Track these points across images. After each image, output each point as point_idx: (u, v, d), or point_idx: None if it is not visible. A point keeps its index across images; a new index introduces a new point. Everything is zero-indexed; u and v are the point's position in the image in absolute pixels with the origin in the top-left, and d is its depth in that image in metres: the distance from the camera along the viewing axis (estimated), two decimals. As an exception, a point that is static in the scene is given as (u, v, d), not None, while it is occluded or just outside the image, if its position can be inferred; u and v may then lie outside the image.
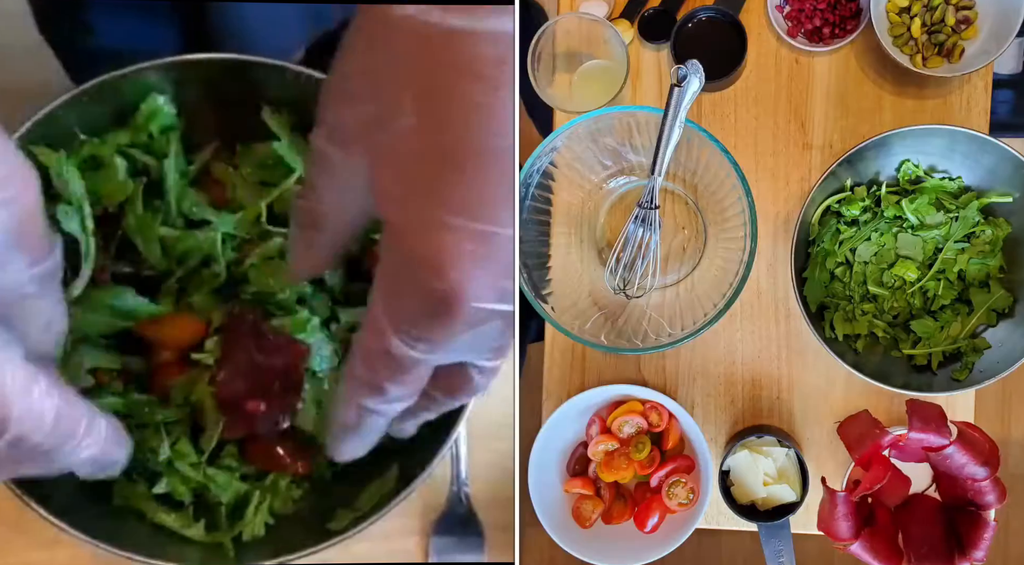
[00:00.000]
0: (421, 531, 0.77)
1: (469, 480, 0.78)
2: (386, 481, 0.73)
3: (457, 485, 0.78)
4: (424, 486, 0.69)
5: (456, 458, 0.77)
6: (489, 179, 0.49)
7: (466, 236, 0.50)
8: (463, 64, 0.48)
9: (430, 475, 0.69)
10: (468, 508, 0.77)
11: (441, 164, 0.50)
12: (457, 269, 0.50)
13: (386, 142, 0.51)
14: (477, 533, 0.78)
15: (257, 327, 0.70)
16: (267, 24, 0.82)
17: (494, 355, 0.57)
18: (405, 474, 0.72)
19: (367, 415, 0.58)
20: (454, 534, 0.77)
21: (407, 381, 0.56)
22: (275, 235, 0.73)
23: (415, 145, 0.50)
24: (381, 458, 0.68)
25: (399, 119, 0.50)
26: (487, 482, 0.77)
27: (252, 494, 0.73)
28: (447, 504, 0.78)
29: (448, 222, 0.50)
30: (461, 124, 0.49)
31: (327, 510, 0.73)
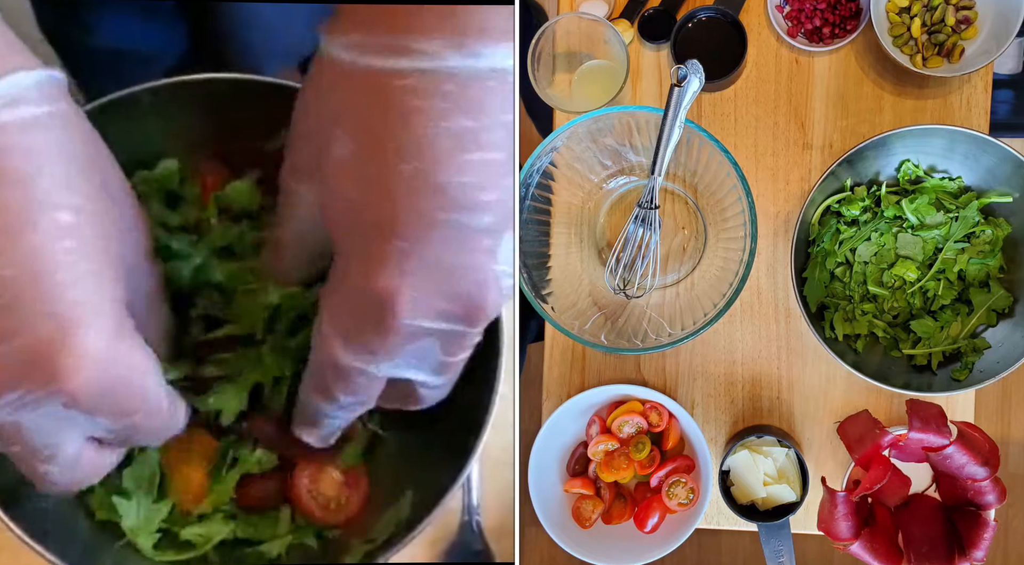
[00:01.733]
0: (431, 560, 0.75)
1: (481, 509, 0.77)
2: (400, 509, 0.71)
3: (469, 514, 0.76)
4: (435, 515, 0.68)
5: (468, 487, 0.76)
6: (422, 204, 0.53)
7: (401, 256, 0.54)
8: (391, 100, 0.53)
9: (445, 505, 0.68)
10: (480, 538, 0.76)
11: (375, 189, 0.54)
12: (391, 283, 0.54)
13: (328, 171, 0.56)
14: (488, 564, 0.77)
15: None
16: (272, 23, 0.82)
17: (437, 372, 0.60)
18: (418, 502, 0.70)
19: (322, 417, 0.63)
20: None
21: (356, 391, 0.60)
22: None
23: (352, 172, 0.55)
24: (394, 486, 0.69)
25: (336, 149, 0.55)
26: (498, 512, 0.76)
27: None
28: (458, 534, 0.76)
29: (385, 245, 0.54)
30: (393, 152, 0.53)
31: (340, 542, 0.72)
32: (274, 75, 0.71)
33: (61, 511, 0.68)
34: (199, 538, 0.70)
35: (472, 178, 0.53)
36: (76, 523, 0.69)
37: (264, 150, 0.70)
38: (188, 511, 0.71)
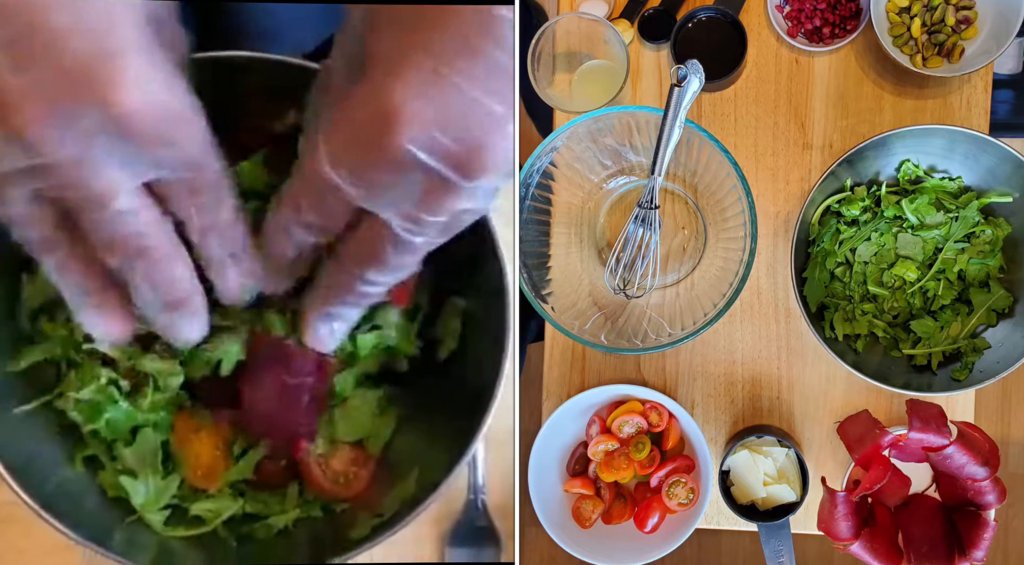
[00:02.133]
0: (437, 538, 0.76)
1: (486, 488, 0.77)
2: (407, 485, 0.71)
3: (474, 492, 0.76)
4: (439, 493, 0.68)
5: (473, 466, 0.76)
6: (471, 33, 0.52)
7: (424, 77, 0.52)
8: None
9: (452, 482, 0.68)
10: (485, 516, 0.76)
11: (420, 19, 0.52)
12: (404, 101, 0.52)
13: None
14: (494, 542, 0.76)
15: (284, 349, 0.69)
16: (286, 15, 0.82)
17: (412, 221, 0.57)
18: (424, 480, 0.70)
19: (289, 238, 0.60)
20: (470, 543, 0.76)
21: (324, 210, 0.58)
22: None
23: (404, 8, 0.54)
24: (401, 463, 0.69)
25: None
26: (502, 490, 0.76)
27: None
28: (463, 512, 0.76)
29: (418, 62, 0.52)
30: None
31: (348, 516, 0.72)
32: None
33: (73, 487, 0.69)
34: (208, 514, 0.71)
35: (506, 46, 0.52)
36: (87, 498, 0.70)
37: (273, 130, 0.70)
38: (197, 488, 0.71)
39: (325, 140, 0.55)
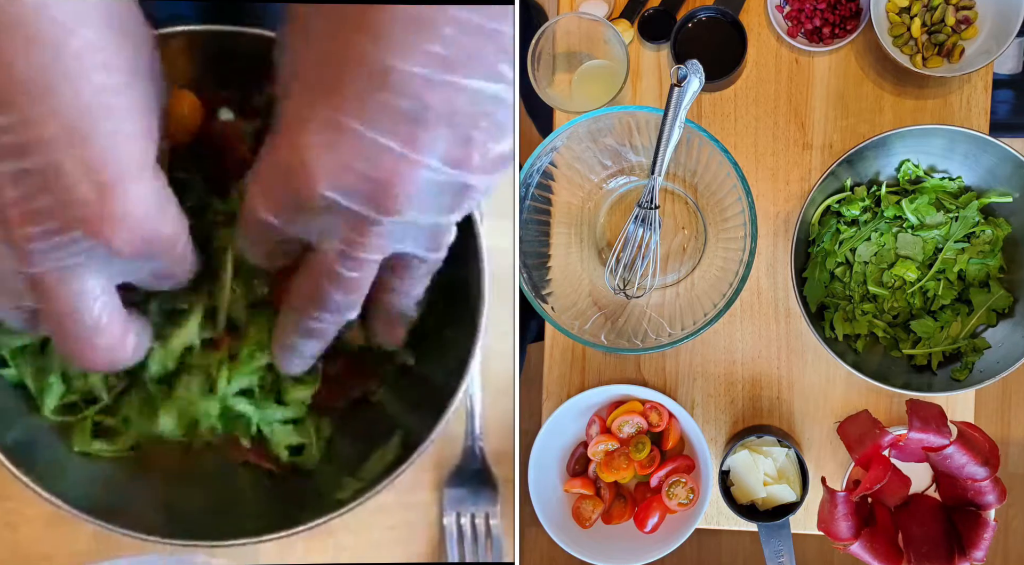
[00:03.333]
0: (435, 484, 0.79)
1: (484, 435, 0.79)
2: (388, 450, 0.73)
3: (472, 440, 0.78)
4: (440, 440, 0.71)
5: (471, 413, 0.78)
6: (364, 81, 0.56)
7: (328, 126, 0.56)
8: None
9: (431, 444, 0.70)
10: (482, 462, 0.79)
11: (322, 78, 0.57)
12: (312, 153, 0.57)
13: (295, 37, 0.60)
14: (491, 486, 0.79)
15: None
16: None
17: (347, 258, 0.61)
18: (408, 443, 0.73)
19: (259, 229, 0.64)
20: (468, 487, 0.79)
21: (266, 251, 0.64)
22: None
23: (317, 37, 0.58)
24: (384, 429, 0.71)
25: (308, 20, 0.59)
26: (499, 437, 0.79)
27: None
28: (462, 458, 0.79)
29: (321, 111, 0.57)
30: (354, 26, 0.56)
31: (334, 479, 0.74)
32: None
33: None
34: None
35: (424, 70, 0.55)
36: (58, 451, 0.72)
37: (252, 103, 0.72)
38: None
39: (254, 183, 0.61)
